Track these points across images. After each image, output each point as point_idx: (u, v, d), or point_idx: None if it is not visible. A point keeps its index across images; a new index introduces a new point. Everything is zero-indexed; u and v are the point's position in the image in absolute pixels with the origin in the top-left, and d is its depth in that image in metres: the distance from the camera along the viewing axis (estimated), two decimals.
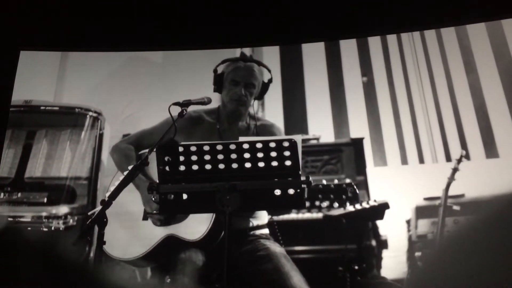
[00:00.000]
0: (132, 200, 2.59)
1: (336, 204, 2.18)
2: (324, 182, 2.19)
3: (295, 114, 4.70)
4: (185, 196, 2.15)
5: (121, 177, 2.27)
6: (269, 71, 2.84)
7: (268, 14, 4.20)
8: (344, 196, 2.19)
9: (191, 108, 2.55)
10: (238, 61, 2.78)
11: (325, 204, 2.19)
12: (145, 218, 2.57)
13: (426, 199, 3.93)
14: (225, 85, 2.75)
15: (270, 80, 2.83)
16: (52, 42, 4.34)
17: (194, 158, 2.12)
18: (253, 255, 2.48)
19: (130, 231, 2.56)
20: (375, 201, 3.24)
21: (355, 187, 2.21)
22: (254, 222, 2.61)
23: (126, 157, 2.72)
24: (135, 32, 4.30)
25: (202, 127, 2.77)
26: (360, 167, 4.13)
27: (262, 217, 2.67)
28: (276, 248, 2.51)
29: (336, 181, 2.21)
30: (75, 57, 4.72)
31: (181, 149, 2.12)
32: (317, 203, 3.95)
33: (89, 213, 2.18)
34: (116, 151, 2.80)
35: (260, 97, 2.83)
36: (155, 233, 2.49)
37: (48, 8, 4.20)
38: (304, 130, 4.55)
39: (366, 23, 4.21)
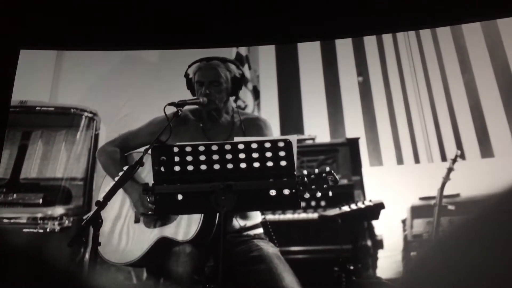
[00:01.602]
0: (121, 204, 2.59)
1: (318, 194, 2.18)
2: (305, 172, 2.19)
3: (291, 114, 4.70)
4: (180, 197, 2.14)
5: (116, 178, 2.27)
6: (237, 66, 2.84)
7: (264, 14, 4.20)
8: (325, 186, 2.18)
9: None
10: (201, 61, 2.78)
11: (307, 195, 2.18)
12: (137, 221, 2.57)
13: (421, 198, 3.94)
14: (195, 87, 2.76)
15: (241, 75, 2.83)
16: (51, 41, 4.35)
17: (189, 158, 2.11)
18: (247, 256, 2.49)
19: (123, 235, 2.56)
20: (370, 201, 3.24)
21: (335, 175, 2.21)
22: (244, 223, 2.61)
23: (112, 160, 2.72)
24: (131, 31, 4.30)
25: (187, 127, 2.77)
26: (355, 167, 4.13)
27: (254, 217, 2.67)
28: (269, 248, 2.51)
29: (316, 171, 2.21)
30: (71, 57, 4.71)
31: (176, 149, 2.12)
32: (313, 203, 3.98)
33: (84, 217, 2.18)
34: (102, 155, 2.80)
35: (235, 92, 2.82)
36: (147, 236, 2.49)
37: (47, 8, 4.21)
38: (300, 130, 4.55)
39: (361, 23, 4.22)
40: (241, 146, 2.09)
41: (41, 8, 4.20)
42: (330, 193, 2.21)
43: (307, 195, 2.19)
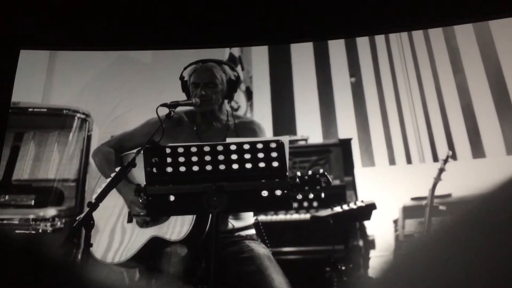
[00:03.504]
0: (115, 204, 2.59)
1: (311, 195, 2.19)
2: (299, 173, 2.20)
3: (284, 115, 4.70)
4: (172, 198, 2.14)
5: (108, 179, 2.27)
6: (232, 68, 2.85)
7: (257, 14, 4.21)
8: (318, 187, 2.20)
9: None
10: (197, 63, 2.78)
11: (300, 196, 2.19)
12: (129, 220, 2.57)
13: (413, 199, 3.95)
14: (190, 89, 2.76)
15: (237, 78, 2.83)
16: (48, 41, 4.35)
17: (181, 159, 2.12)
18: (238, 257, 2.49)
19: (115, 235, 2.56)
20: (362, 201, 3.25)
21: (328, 176, 2.23)
22: (236, 223, 2.61)
23: (107, 161, 2.73)
24: (125, 31, 4.30)
25: (182, 129, 2.77)
26: (348, 168, 4.14)
27: (247, 218, 2.67)
28: (260, 249, 2.52)
29: (310, 172, 2.22)
30: (64, 58, 4.70)
31: (168, 150, 2.12)
32: (305, 204, 3.99)
33: (77, 218, 2.18)
34: (97, 155, 2.81)
35: (230, 95, 2.82)
36: (140, 235, 2.49)
37: (44, 8, 4.20)
38: (293, 131, 4.55)
39: (354, 24, 4.24)
40: (233, 147, 2.10)
41: (39, 8, 4.20)
42: (323, 195, 2.22)
43: (299, 196, 2.20)
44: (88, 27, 4.27)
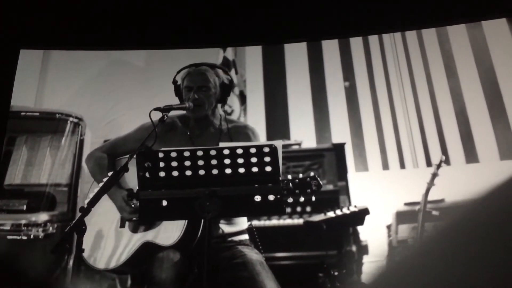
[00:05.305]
0: (107, 209, 2.58)
1: (302, 199, 2.19)
2: (289, 177, 2.19)
3: (277, 119, 4.70)
4: (165, 203, 2.13)
5: (100, 184, 2.27)
6: (226, 72, 2.85)
7: (252, 14, 4.22)
8: (308, 190, 2.19)
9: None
10: (190, 67, 2.78)
11: (290, 200, 2.19)
12: (122, 226, 2.56)
13: (406, 204, 3.95)
14: (183, 93, 2.75)
15: (230, 81, 2.83)
16: (46, 41, 4.35)
17: (174, 164, 2.11)
18: (230, 262, 2.48)
19: (108, 240, 2.55)
20: (355, 206, 3.25)
21: (319, 180, 2.22)
22: (228, 228, 2.60)
23: (99, 166, 2.72)
24: (119, 32, 4.30)
25: (175, 134, 2.77)
26: (341, 173, 4.14)
27: (239, 223, 2.66)
28: (253, 255, 2.51)
29: (300, 176, 2.22)
30: (57, 61, 4.68)
31: (161, 155, 2.11)
32: (298, 209, 3.98)
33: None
34: (90, 161, 2.80)
35: (223, 99, 2.81)
36: (132, 241, 2.48)
37: (44, 8, 4.21)
38: (286, 135, 4.55)
39: (348, 24, 4.25)
40: (226, 152, 2.09)
41: (39, 8, 4.20)
42: (313, 198, 2.21)
43: (290, 200, 2.19)
44: (86, 26, 4.28)
